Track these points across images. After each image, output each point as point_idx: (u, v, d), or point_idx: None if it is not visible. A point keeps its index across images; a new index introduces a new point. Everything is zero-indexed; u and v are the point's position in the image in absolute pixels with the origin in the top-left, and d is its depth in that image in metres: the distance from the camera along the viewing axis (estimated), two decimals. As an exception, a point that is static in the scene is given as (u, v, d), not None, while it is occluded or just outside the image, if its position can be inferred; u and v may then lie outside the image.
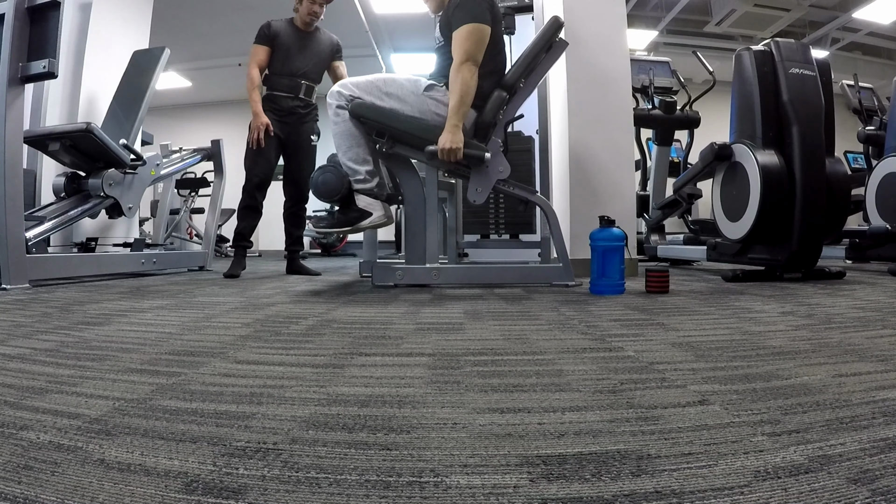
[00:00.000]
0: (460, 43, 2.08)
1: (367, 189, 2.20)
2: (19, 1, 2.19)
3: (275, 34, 3.01)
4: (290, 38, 3.04)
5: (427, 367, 0.88)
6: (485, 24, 2.10)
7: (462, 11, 2.10)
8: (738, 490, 0.44)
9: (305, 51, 3.06)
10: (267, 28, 3.03)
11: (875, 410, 0.64)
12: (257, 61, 2.99)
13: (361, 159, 2.19)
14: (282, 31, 3.03)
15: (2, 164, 2.15)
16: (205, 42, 6.67)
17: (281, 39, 3.01)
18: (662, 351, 0.99)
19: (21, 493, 0.44)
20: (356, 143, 2.19)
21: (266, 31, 3.02)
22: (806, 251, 2.41)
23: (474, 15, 2.09)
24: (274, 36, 3.01)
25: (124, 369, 0.87)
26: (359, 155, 2.19)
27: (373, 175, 2.21)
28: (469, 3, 2.11)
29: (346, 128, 2.18)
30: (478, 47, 2.09)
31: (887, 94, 4.01)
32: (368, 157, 2.21)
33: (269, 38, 3.01)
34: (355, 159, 2.19)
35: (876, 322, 1.29)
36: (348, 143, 2.19)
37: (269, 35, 3.01)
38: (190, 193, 5.61)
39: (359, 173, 2.19)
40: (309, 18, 3.03)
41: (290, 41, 3.03)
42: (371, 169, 2.20)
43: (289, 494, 0.44)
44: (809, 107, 2.44)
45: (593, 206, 2.72)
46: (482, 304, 1.72)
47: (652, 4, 6.74)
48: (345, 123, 2.18)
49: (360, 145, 2.19)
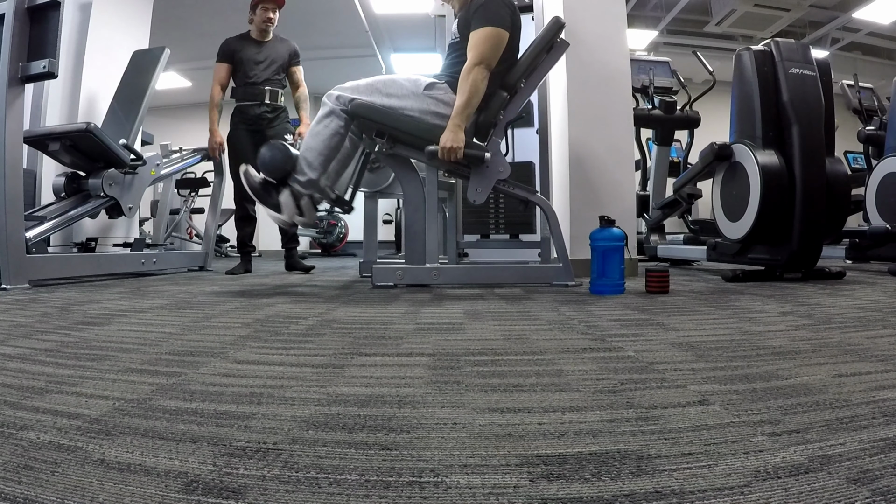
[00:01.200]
0: (477, 44, 2.06)
1: (298, 191, 2.15)
2: (19, 1, 2.19)
3: (233, 50, 3.21)
4: (248, 50, 3.22)
5: (427, 367, 0.88)
6: (504, 30, 2.09)
7: (484, 13, 2.08)
8: (738, 490, 0.44)
9: (264, 59, 3.23)
10: (225, 46, 3.23)
11: (875, 410, 0.64)
12: (219, 79, 3.20)
13: (314, 165, 2.14)
14: (240, 46, 3.22)
15: (2, 164, 2.15)
16: (205, 42, 6.63)
17: (240, 54, 3.20)
18: (662, 351, 0.99)
19: (21, 493, 0.44)
20: (321, 150, 2.14)
21: (225, 49, 3.22)
22: (806, 251, 2.41)
23: (496, 19, 2.07)
24: (232, 52, 3.20)
25: (124, 369, 0.87)
26: (314, 161, 2.14)
27: (311, 185, 2.15)
28: (493, 6, 2.09)
29: (325, 134, 2.14)
30: (494, 52, 2.07)
31: (887, 94, 4.01)
32: (320, 167, 2.15)
33: (229, 55, 3.20)
34: (309, 162, 2.14)
35: (876, 322, 1.29)
36: (314, 144, 2.15)
37: (228, 52, 3.21)
38: (190, 193, 5.61)
39: (303, 174, 2.14)
40: (264, 26, 3.21)
41: (249, 53, 3.21)
42: (314, 179, 2.14)
43: (289, 494, 0.44)
44: (809, 107, 2.44)
45: (593, 206, 2.71)
46: (482, 304, 1.72)
47: (652, 4, 6.74)
48: (325, 130, 2.14)
49: (322, 154, 2.14)
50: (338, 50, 6.24)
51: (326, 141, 2.15)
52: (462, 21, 2.19)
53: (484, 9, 2.09)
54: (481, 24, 2.07)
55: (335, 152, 2.18)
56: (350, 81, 2.23)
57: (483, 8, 2.10)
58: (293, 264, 3.44)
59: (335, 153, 2.18)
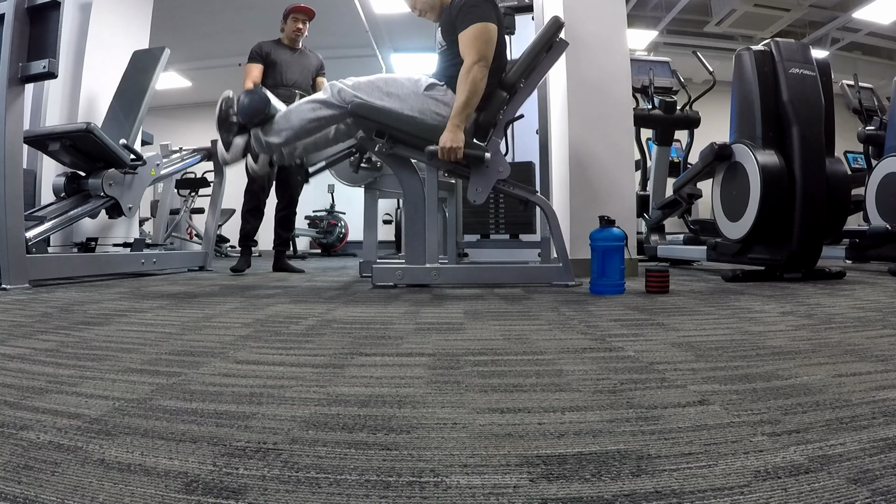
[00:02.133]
0: (471, 43, 2.06)
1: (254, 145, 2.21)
2: (19, 1, 2.19)
3: (266, 52, 3.32)
4: (281, 54, 3.35)
5: (427, 367, 0.88)
6: (492, 24, 2.10)
7: (467, 13, 2.09)
8: (738, 490, 0.44)
9: (296, 65, 3.38)
10: (258, 48, 3.33)
11: (875, 410, 0.64)
12: (252, 78, 3.26)
13: (282, 135, 2.16)
14: (272, 50, 3.34)
15: (2, 164, 2.15)
16: (205, 42, 6.67)
17: (273, 56, 3.32)
18: (662, 351, 0.99)
19: (21, 493, 0.44)
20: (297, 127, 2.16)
21: (258, 51, 3.32)
22: (806, 251, 2.41)
23: (480, 15, 2.08)
24: (266, 54, 3.31)
25: (124, 369, 0.86)
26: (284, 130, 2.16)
27: (268, 148, 2.19)
28: (473, 4, 2.10)
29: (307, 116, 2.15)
30: (488, 46, 2.08)
31: (887, 94, 4.01)
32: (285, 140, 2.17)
33: (262, 56, 3.31)
34: (279, 129, 2.16)
35: (876, 322, 1.29)
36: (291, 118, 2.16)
37: (261, 54, 3.31)
38: (190, 193, 5.61)
39: (268, 133, 2.17)
40: (294, 35, 3.38)
41: (282, 57, 3.34)
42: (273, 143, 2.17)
43: (289, 494, 0.44)
44: (809, 107, 2.44)
45: (593, 206, 2.71)
46: (482, 304, 1.72)
47: (652, 4, 6.74)
48: (311, 114, 2.15)
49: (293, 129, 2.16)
50: (338, 50, 6.23)
51: (304, 123, 2.16)
52: (445, 28, 2.20)
53: (465, 9, 2.10)
54: (468, 23, 2.08)
55: (307, 134, 2.21)
56: (352, 77, 2.24)
57: (464, 8, 2.11)
58: (282, 266, 3.49)
59: (307, 135, 2.21)
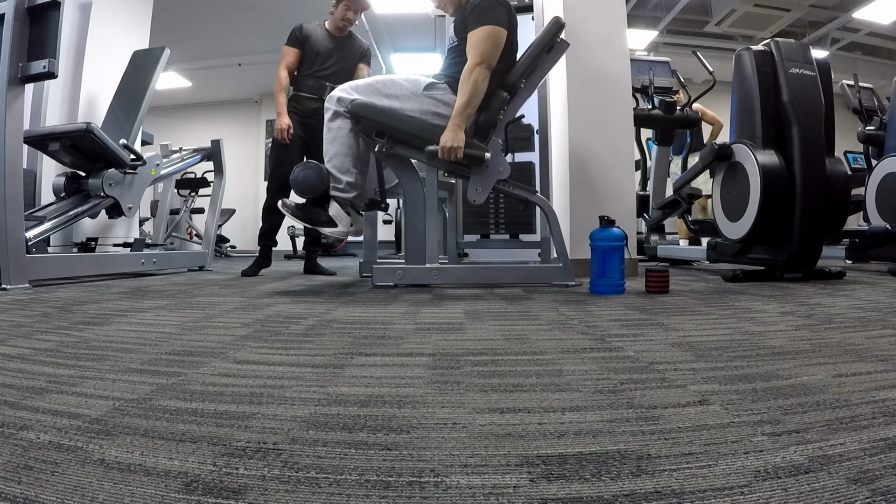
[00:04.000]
0: (476, 44, 2.07)
1: (343, 198, 2.18)
2: (19, 1, 2.19)
3: (306, 37, 3.04)
4: (321, 41, 3.06)
5: (427, 367, 0.88)
6: (502, 28, 2.10)
7: (479, 13, 2.09)
8: (738, 490, 0.44)
9: (335, 55, 3.08)
10: (299, 31, 3.06)
11: (875, 410, 0.64)
12: (287, 63, 3.02)
13: (346, 169, 2.16)
14: (313, 35, 3.06)
15: (2, 164, 2.15)
16: (205, 42, 6.67)
17: (311, 42, 3.04)
18: (662, 351, 0.99)
19: (21, 493, 0.44)
20: (346, 152, 2.16)
21: (297, 34, 3.04)
22: (806, 251, 2.41)
23: (492, 18, 2.08)
24: (305, 39, 3.04)
25: (124, 369, 0.86)
26: (344, 164, 2.16)
27: (353, 187, 2.17)
28: (488, 6, 2.10)
29: (341, 136, 2.16)
30: (493, 50, 2.08)
31: (887, 94, 4.01)
32: (353, 168, 2.18)
33: (300, 41, 3.04)
34: (340, 167, 2.16)
35: (876, 322, 1.29)
36: (337, 149, 2.16)
37: (300, 38, 3.04)
38: (190, 193, 5.60)
39: (339, 181, 2.16)
40: (342, 24, 3.07)
41: (321, 45, 3.06)
42: (353, 181, 2.17)
43: (289, 494, 0.44)
44: (809, 107, 2.44)
45: (593, 206, 2.71)
46: (482, 304, 1.72)
47: (652, 4, 6.74)
48: (339, 131, 2.16)
49: (349, 155, 2.17)
50: (338, 50, 6.24)
51: (346, 141, 2.16)
52: (459, 24, 2.20)
53: (479, 9, 2.10)
54: (479, 24, 2.08)
55: (356, 150, 2.19)
56: (350, 82, 2.25)
57: (478, 8, 2.11)
58: (314, 268, 3.28)
59: (356, 150, 2.19)
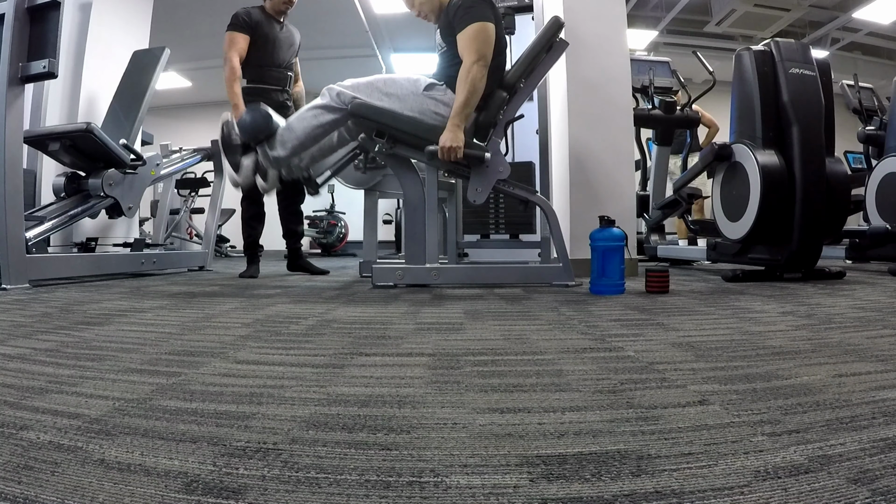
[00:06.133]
0: (470, 42, 2.07)
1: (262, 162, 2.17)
2: (19, 1, 2.19)
3: (255, 23, 2.84)
4: (270, 28, 2.89)
5: (427, 367, 0.88)
6: (490, 23, 2.11)
7: (464, 13, 2.10)
8: (738, 490, 0.44)
9: (284, 41, 2.95)
10: (247, 16, 2.83)
11: (875, 410, 0.64)
12: (239, 50, 2.78)
13: (288, 146, 2.15)
14: (261, 21, 2.87)
15: (2, 164, 2.15)
16: (205, 42, 6.64)
17: (261, 29, 2.85)
18: (662, 351, 0.99)
19: (21, 493, 0.44)
20: (302, 136, 2.15)
21: (246, 19, 2.82)
22: (806, 251, 2.41)
23: (478, 15, 2.09)
24: (255, 25, 2.83)
25: (124, 369, 0.86)
26: (290, 142, 2.15)
27: (277, 162, 2.17)
28: (469, 5, 2.11)
29: (313, 124, 2.15)
30: (487, 46, 2.09)
31: (887, 94, 4.01)
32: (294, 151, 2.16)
33: (250, 27, 2.82)
34: (284, 141, 2.14)
35: (876, 322, 1.29)
36: (297, 127, 2.15)
37: (249, 23, 2.82)
38: (190, 193, 5.60)
39: (273, 147, 2.15)
40: (283, 7, 2.91)
41: (271, 31, 2.88)
42: (281, 157, 2.15)
43: (289, 494, 0.44)
44: (809, 107, 2.44)
45: (593, 206, 2.71)
46: (482, 304, 1.72)
47: (652, 4, 6.74)
48: (314, 120, 2.15)
49: (300, 140, 2.15)
50: (338, 50, 6.24)
51: (309, 130, 2.16)
52: (444, 29, 2.21)
53: (463, 9, 2.11)
54: (466, 23, 2.08)
55: (314, 142, 2.20)
56: (350, 79, 2.24)
57: (462, 8, 2.11)
58: (301, 266, 3.19)
59: (313, 143, 2.20)
